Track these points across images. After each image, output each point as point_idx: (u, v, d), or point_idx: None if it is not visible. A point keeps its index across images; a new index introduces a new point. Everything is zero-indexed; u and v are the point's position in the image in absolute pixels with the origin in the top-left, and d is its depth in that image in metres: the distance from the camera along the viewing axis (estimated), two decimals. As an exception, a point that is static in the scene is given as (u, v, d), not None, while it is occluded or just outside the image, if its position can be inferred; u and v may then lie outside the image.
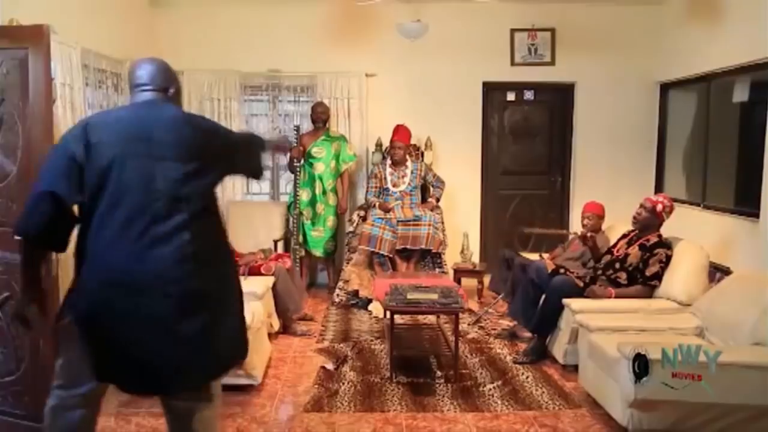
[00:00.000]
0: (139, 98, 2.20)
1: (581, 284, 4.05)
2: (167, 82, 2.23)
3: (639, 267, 4.00)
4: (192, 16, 6.08)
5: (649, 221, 4.07)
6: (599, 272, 4.15)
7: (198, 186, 2.10)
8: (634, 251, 4.05)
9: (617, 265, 4.08)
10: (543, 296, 4.09)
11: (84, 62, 4.44)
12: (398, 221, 5.41)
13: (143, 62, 2.24)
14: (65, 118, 4.12)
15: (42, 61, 2.73)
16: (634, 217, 4.14)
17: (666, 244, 4.03)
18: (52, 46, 2.84)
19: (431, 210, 5.58)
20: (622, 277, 4.03)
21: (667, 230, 4.17)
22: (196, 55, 6.01)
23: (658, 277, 3.93)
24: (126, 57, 5.17)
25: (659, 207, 4.04)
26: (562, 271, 4.19)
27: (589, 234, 4.40)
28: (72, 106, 4.21)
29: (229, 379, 3.45)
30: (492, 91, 6.39)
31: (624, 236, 4.26)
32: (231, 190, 6.13)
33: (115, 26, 5.23)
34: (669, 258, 3.96)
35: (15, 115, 2.77)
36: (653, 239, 4.04)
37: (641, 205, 4.12)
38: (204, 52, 6.04)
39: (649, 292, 3.96)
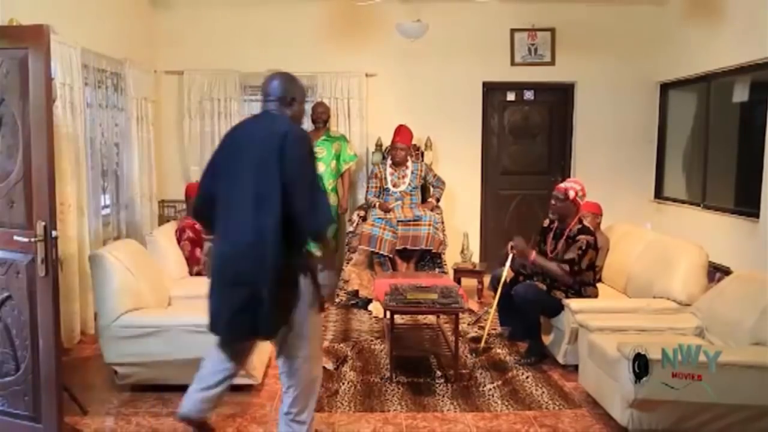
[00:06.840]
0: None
1: (543, 286, 4.04)
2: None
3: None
4: (192, 16, 6.08)
5: (565, 209, 4.06)
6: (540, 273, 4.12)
7: None
8: (563, 245, 4.05)
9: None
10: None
11: (84, 62, 4.45)
12: (398, 221, 5.40)
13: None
14: (65, 118, 4.13)
15: (42, 61, 2.72)
16: (550, 208, 4.13)
17: (588, 230, 4.03)
18: (52, 46, 2.83)
19: (431, 210, 5.58)
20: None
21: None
22: (196, 55, 6.03)
23: (572, 262, 3.92)
24: (126, 57, 5.17)
25: (572, 193, 4.03)
26: (521, 278, 4.19)
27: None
28: (72, 106, 4.22)
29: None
30: (492, 91, 6.40)
31: (548, 231, 4.22)
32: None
33: (115, 26, 5.23)
34: (590, 244, 3.96)
35: (15, 115, 2.77)
36: (575, 227, 4.04)
37: (554, 196, 4.10)
38: (204, 52, 6.05)
39: (568, 276, 3.92)
